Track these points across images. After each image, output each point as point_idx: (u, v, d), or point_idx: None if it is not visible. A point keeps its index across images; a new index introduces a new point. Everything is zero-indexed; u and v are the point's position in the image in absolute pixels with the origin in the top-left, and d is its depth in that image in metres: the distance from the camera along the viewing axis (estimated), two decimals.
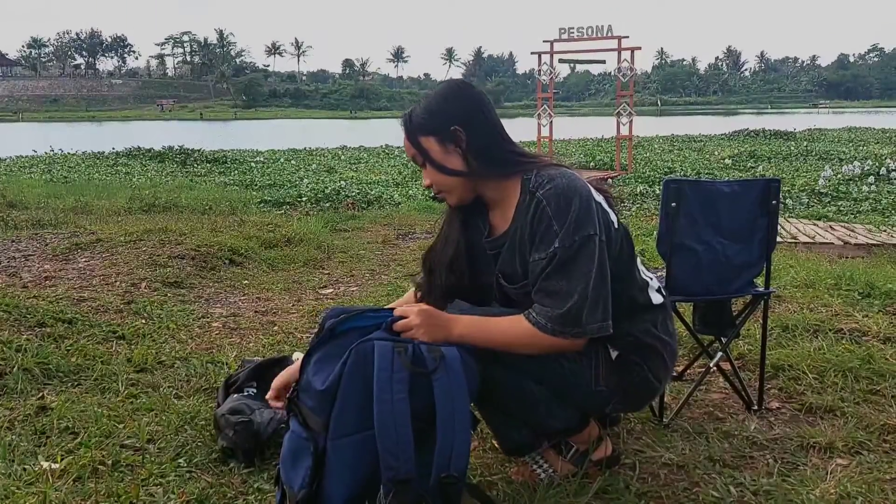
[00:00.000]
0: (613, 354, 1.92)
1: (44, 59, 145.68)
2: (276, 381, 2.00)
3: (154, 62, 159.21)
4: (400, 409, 1.67)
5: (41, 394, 2.70)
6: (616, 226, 1.90)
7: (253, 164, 16.45)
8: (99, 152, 19.03)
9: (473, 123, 1.90)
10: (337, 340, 1.79)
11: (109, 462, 2.18)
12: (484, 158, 1.90)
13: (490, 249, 2.01)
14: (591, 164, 15.47)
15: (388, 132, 38.42)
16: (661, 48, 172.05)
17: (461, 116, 1.90)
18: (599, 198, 1.89)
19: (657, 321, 1.96)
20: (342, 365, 1.70)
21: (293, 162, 17.39)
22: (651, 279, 2.02)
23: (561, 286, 1.78)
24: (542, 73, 14.21)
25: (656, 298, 1.98)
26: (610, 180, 12.08)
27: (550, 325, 1.79)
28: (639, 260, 2.02)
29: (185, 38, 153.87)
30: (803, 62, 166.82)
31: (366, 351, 1.71)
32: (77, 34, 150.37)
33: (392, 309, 1.87)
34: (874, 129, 29.05)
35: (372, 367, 1.69)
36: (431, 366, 1.72)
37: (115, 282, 4.37)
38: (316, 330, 1.89)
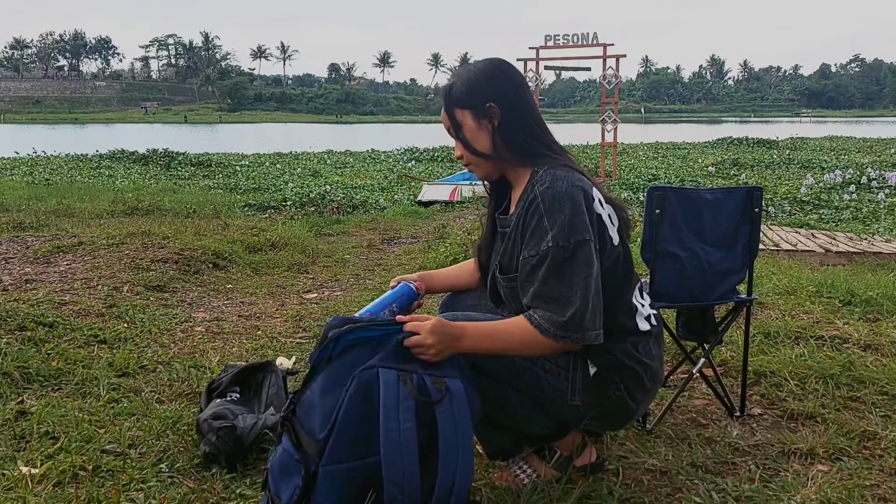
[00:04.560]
0: (592, 370, 1.91)
1: (26, 61, 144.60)
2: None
3: (138, 64, 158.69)
4: (407, 438, 1.64)
5: (21, 398, 2.67)
6: (615, 243, 1.90)
7: (238, 168, 16.38)
8: (82, 154, 18.87)
9: (509, 103, 1.93)
10: (344, 357, 1.75)
11: (90, 467, 2.15)
12: (510, 141, 1.93)
13: (500, 227, 2.04)
14: None
15: (374, 136, 38.43)
16: (646, 56, 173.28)
17: (499, 94, 1.92)
18: (605, 211, 1.89)
19: (639, 344, 1.94)
20: (345, 391, 1.68)
21: (278, 166, 17.34)
22: (642, 306, 1.99)
23: (561, 291, 1.78)
24: (527, 79, 14.26)
25: (643, 325, 1.96)
26: None
27: (553, 330, 1.79)
28: (638, 287, 2.01)
29: (170, 40, 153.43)
30: (786, 71, 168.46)
31: (369, 378, 1.69)
32: (60, 35, 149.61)
33: (400, 322, 1.80)
34: (855, 138, 29.36)
35: (373, 394, 1.67)
36: (436, 396, 1.70)
37: (97, 285, 4.33)
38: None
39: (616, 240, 1.90)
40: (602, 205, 1.89)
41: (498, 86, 1.93)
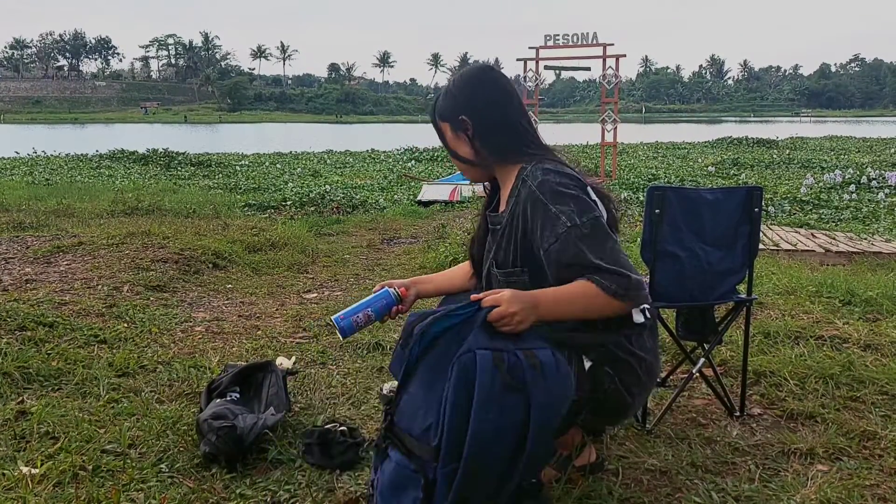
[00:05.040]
0: (587, 364, 1.91)
1: (26, 61, 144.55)
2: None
3: (138, 64, 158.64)
4: (498, 427, 1.65)
5: (21, 398, 2.67)
6: None
7: (237, 168, 16.37)
8: (82, 154, 18.85)
9: (481, 114, 1.99)
10: (436, 349, 1.74)
11: (90, 467, 2.16)
12: (487, 146, 2.00)
13: (491, 224, 2.08)
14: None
15: (373, 136, 38.40)
16: (646, 56, 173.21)
17: (470, 106, 1.99)
18: (595, 196, 1.93)
19: (633, 336, 1.95)
20: (448, 382, 1.66)
21: (278, 165, 17.33)
22: None
23: (601, 257, 1.80)
24: (527, 79, 14.24)
25: (637, 318, 1.97)
26: None
27: (615, 288, 1.80)
28: None
29: (170, 40, 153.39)
30: (786, 71, 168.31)
31: (467, 364, 1.67)
32: (60, 35, 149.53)
33: (476, 301, 1.80)
34: (855, 137, 29.35)
35: (473, 378, 1.66)
36: (530, 374, 1.68)
37: (97, 285, 4.33)
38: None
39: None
40: (592, 192, 1.93)
41: (469, 98, 2.00)
